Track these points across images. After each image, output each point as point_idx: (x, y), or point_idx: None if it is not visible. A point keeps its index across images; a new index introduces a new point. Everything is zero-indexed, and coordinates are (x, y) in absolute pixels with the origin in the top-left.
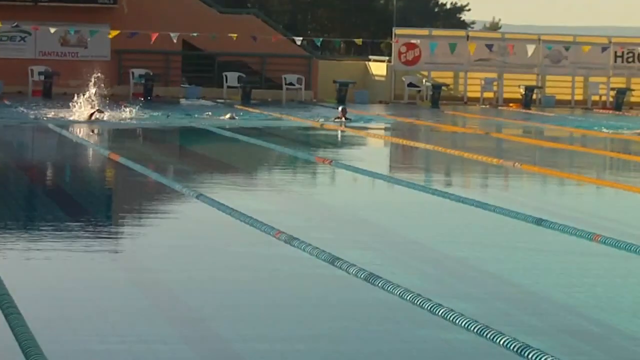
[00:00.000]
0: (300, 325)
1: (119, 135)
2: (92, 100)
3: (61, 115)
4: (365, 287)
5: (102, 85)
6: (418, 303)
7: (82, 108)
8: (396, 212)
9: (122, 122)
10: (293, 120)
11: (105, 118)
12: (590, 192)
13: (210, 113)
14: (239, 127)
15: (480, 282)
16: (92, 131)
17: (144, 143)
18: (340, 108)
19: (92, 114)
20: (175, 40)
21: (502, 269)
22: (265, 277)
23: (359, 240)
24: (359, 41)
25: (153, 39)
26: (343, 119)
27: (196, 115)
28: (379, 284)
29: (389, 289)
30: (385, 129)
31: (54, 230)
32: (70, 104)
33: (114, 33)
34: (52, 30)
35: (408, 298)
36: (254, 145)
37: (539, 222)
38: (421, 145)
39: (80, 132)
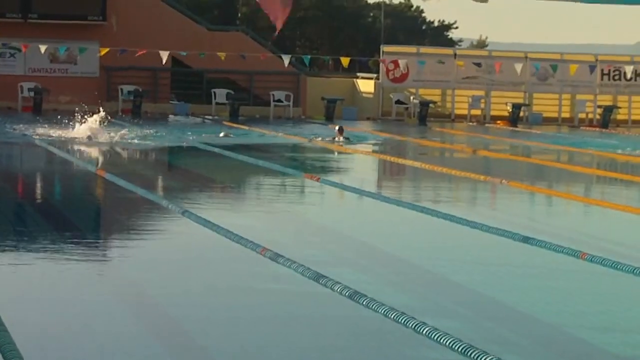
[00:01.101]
0: (285, 342)
1: (109, 153)
2: (89, 121)
3: (54, 132)
4: (350, 305)
5: (101, 114)
6: (403, 321)
7: (78, 127)
8: (383, 230)
9: (114, 140)
10: (288, 137)
11: (101, 139)
12: (578, 210)
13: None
14: (230, 144)
15: (466, 300)
16: (85, 149)
17: (133, 160)
18: (337, 128)
19: (89, 134)
20: (164, 60)
21: (489, 287)
22: (250, 293)
23: (345, 257)
24: (345, 61)
25: (139, 53)
26: (341, 138)
27: (201, 135)
28: (364, 302)
29: (373, 307)
30: (375, 145)
31: (39, 246)
32: (66, 123)
33: (104, 51)
34: (42, 48)
35: (393, 316)
36: (244, 162)
37: (526, 239)
38: (409, 162)
39: (73, 150)
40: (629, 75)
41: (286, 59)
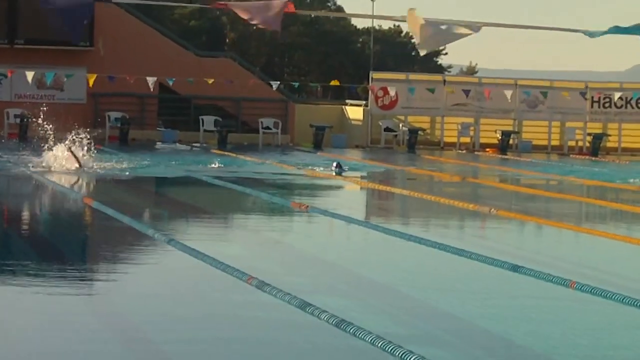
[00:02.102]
0: None
1: (96, 182)
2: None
3: (41, 161)
4: (337, 334)
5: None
6: (390, 350)
7: (64, 157)
8: (371, 258)
9: (101, 169)
10: (277, 165)
11: (88, 167)
12: (567, 238)
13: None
14: (218, 174)
15: (454, 328)
16: (72, 178)
17: (121, 189)
18: (334, 164)
19: (75, 162)
20: (152, 87)
21: (478, 316)
22: (236, 322)
23: (333, 285)
24: (334, 83)
25: (131, 82)
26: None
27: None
28: (351, 331)
29: (360, 335)
30: (364, 174)
31: (24, 275)
32: (52, 151)
33: (92, 77)
34: (29, 74)
35: (380, 345)
36: (232, 191)
37: (515, 268)
38: (397, 190)
39: (59, 179)
40: (619, 103)
41: (274, 86)
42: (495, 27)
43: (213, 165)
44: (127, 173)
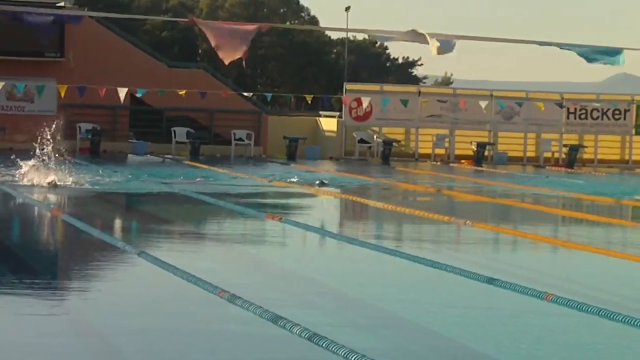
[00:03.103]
0: None
1: (66, 195)
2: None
3: (10, 175)
4: (309, 347)
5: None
6: None
7: (36, 172)
8: (345, 270)
9: (74, 184)
10: (256, 179)
11: (62, 183)
12: (543, 250)
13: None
14: (191, 187)
15: (428, 342)
16: (41, 191)
17: (92, 203)
18: (317, 182)
19: (50, 181)
20: (122, 99)
21: (452, 329)
22: (207, 336)
23: (305, 299)
24: (308, 97)
25: (102, 94)
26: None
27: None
28: (323, 344)
29: (333, 349)
30: (339, 186)
31: None
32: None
33: (64, 89)
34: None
35: (353, 358)
36: (205, 203)
37: (490, 281)
38: (371, 203)
39: (32, 193)
40: (595, 114)
41: (247, 97)
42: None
43: (185, 178)
44: (98, 187)
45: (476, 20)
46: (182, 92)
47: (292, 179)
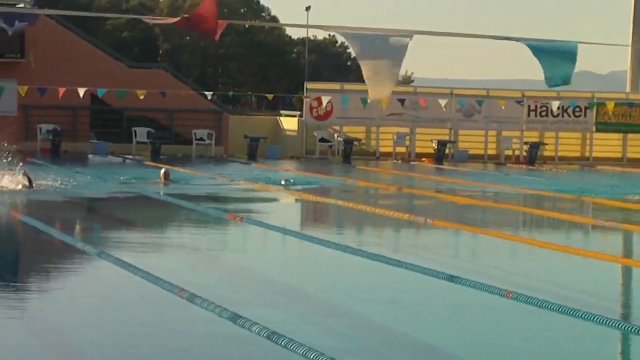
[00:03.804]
0: None
1: (28, 198)
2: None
3: None
4: (268, 346)
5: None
6: None
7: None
8: (305, 269)
9: (30, 184)
10: (218, 178)
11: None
12: (504, 248)
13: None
14: (153, 187)
15: (389, 340)
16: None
17: (52, 205)
18: (283, 181)
19: (24, 184)
20: (81, 94)
21: (413, 327)
22: (167, 335)
23: (265, 297)
24: (269, 96)
25: (61, 94)
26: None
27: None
28: (282, 342)
29: (292, 347)
30: (299, 185)
31: None
32: None
33: (24, 90)
34: None
35: (312, 356)
36: (167, 203)
37: (451, 278)
38: (332, 201)
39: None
40: (556, 112)
41: (208, 97)
42: (430, 36)
43: (146, 179)
44: (58, 188)
45: (437, 18)
46: (142, 93)
47: (254, 179)
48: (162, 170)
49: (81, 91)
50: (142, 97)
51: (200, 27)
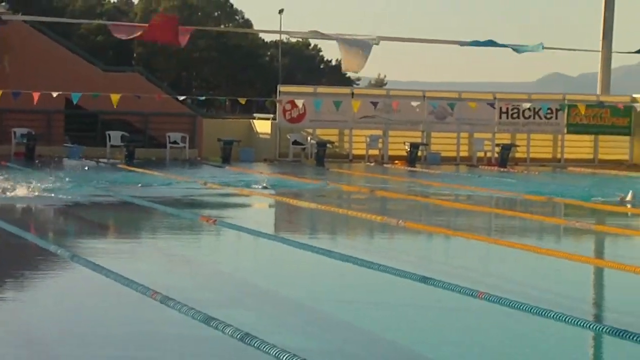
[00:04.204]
0: None
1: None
2: None
3: None
4: (241, 348)
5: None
6: None
7: None
8: (278, 272)
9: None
10: (191, 182)
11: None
12: (476, 249)
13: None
14: (126, 190)
15: (361, 341)
16: None
17: (24, 207)
18: (260, 185)
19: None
20: (55, 95)
21: (385, 328)
22: (140, 338)
23: (238, 299)
24: (242, 100)
25: (36, 98)
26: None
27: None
28: (255, 344)
29: (265, 349)
30: (273, 188)
31: None
32: None
33: None
34: None
35: (284, 358)
36: (140, 207)
37: (424, 279)
38: (305, 204)
39: None
40: (527, 114)
41: (182, 100)
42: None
43: (122, 183)
44: (32, 192)
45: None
46: (117, 97)
47: (227, 182)
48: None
49: (55, 95)
50: (117, 98)
51: (161, 39)
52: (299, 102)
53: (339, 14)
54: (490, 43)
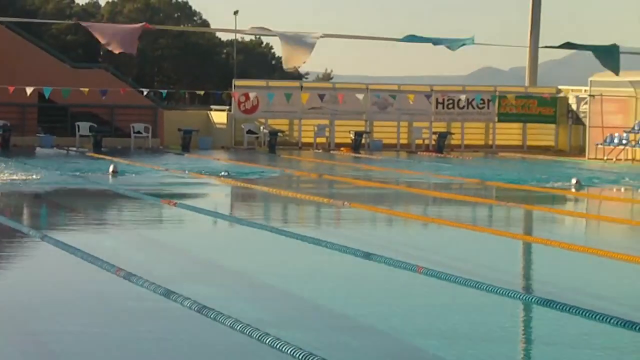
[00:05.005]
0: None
1: None
2: None
3: None
4: (199, 319)
5: None
6: (248, 332)
7: None
8: (234, 249)
9: None
10: (154, 168)
11: None
12: (415, 227)
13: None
14: (93, 176)
15: (310, 311)
16: None
17: (4, 195)
18: (222, 173)
19: None
20: (29, 93)
21: (332, 299)
22: (105, 312)
23: (197, 275)
24: (200, 92)
25: (11, 92)
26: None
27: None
28: (211, 315)
29: (220, 319)
30: (230, 173)
31: None
32: None
33: None
34: None
35: (238, 328)
36: (105, 191)
37: (367, 255)
38: (259, 187)
39: None
40: (461, 104)
41: (145, 94)
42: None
43: (88, 169)
44: (6, 179)
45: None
46: (86, 91)
47: (186, 168)
48: (112, 166)
49: (29, 90)
50: (85, 93)
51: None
52: (252, 95)
53: (289, 14)
54: (423, 39)
